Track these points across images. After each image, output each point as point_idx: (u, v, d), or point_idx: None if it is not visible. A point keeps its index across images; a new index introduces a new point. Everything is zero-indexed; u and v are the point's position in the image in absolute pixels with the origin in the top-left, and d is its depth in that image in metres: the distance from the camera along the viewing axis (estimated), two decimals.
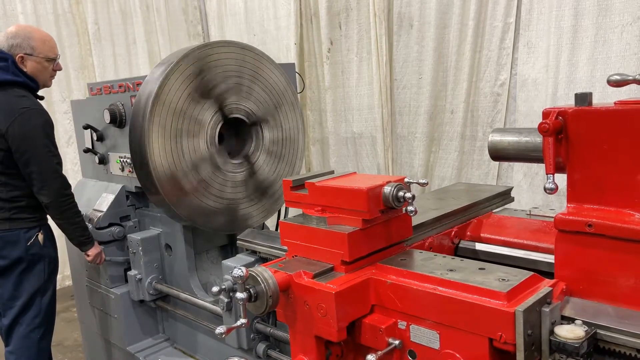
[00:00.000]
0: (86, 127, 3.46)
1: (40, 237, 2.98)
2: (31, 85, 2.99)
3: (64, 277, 5.78)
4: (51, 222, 3.09)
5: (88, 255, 3.13)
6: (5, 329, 3.01)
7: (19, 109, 2.84)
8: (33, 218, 2.98)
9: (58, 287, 3.36)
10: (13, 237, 2.92)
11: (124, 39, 6.30)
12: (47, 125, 2.92)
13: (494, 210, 2.54)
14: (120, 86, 3.21)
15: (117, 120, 3.18)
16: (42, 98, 3.11)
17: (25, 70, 2.97)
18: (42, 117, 2.91)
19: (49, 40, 3.07)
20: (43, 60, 3.02)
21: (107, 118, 3.19)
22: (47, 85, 3.14)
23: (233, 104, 2.85)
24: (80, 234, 3.06)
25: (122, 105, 3.18)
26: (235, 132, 3.00)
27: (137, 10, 6.29)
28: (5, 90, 2.89)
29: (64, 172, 3.00)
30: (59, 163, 2.96)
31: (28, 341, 2.99)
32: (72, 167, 5.63)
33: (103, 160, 3.45)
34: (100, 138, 3.44)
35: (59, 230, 3.13)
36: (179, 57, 2.65)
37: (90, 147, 3.52)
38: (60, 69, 3.18)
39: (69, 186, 2.99)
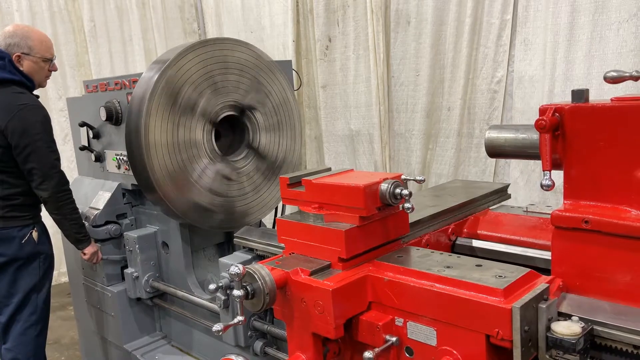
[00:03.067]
0: (82, 124, 3.45)
1: (35, 234, 2.98)
2: (27, 84, 3.00)
3: (60, 273, 5.77)
4: (45, 219, 3.09)
5: (85, 254, 3.13)
6: (2, 327, 3.01)
7: (18, 105, 2.85)
8: (26, 216, 2.97)
9: (54, 283, 3.36)
10: (6, 235, 2.92)
11: (120, 36, 6.28)
12: (45, 121, 2.93)
13: (490, 207, 2.54)
14: (116, 83, 3.20)
15: (114, 117, 3.17)
16: (37, 97, 3.11)
17: (21, 69, 2.97)
18: (40, 112, 2.92)
19: (46, 40, 3.08)
20: (40, 60, 3.03)
21: (103, 115, 3.18)
22: (42, 85, 3.16)
23: (222, 101, 2.85)
24: (77, 231, 3.06)
25: (119, 102, 3.17)
26: (232, 127, 2.99)
27: (133, 7, 6.27)
28: (3, 87, 2.89)
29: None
30: (57, 159, 2.96)
31: (25, 338, 3.00)
32: (69, 164, 5.61)
33: (99, 158, 3.44)
34: (97, 136, 3.43)
35: (54, 227, 3.13)
36: (175, 54, 2.64)
37: (87, 144, 3.51)
38: (55, 70, 3.19)
39: (67, 182, 3.00)
